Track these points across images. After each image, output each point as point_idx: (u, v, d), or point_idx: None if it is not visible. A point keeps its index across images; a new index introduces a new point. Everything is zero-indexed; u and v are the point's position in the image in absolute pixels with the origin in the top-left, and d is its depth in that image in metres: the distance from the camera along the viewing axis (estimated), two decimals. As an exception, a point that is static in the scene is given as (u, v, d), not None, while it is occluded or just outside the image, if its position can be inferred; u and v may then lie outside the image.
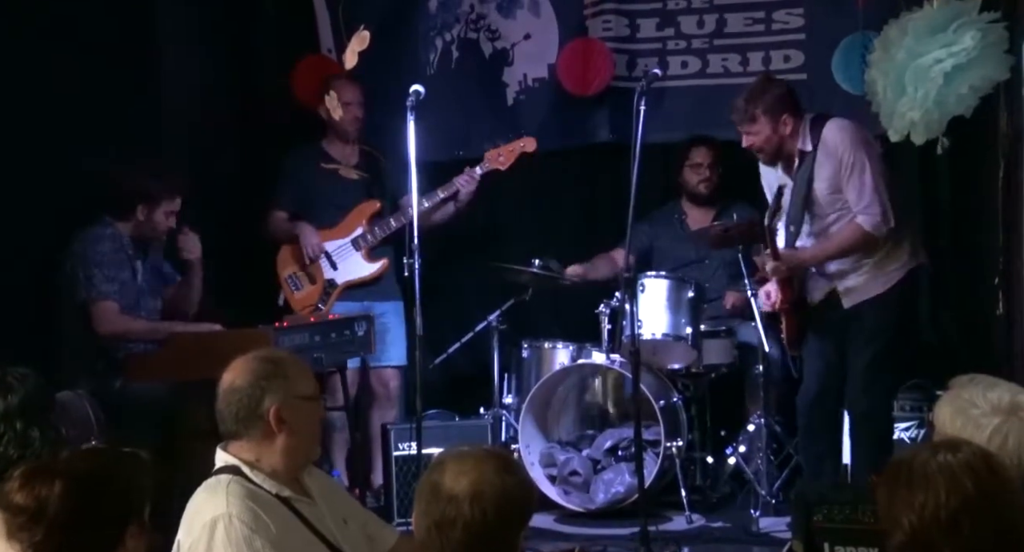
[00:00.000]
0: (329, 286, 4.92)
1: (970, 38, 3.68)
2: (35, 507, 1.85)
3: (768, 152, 4.03)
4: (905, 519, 1.79)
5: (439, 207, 4.95)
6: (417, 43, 5.49)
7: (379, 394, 5.02)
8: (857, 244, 3.93)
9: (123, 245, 4.12)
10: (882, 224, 3.89)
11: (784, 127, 3.96)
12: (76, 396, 3.58)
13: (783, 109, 3.97)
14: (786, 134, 3.97)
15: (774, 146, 4.00)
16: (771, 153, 4.03)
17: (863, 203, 3.88)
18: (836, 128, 3.94)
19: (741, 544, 4.16)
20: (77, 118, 4.17)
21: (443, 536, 1.93)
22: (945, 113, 3.77)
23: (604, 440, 4.70)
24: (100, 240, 4.05)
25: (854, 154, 3.88)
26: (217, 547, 2.26)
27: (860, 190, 3.88)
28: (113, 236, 4.09)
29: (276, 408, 2.38)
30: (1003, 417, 2.20)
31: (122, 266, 4.09)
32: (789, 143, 3.99)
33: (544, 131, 5.35)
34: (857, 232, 3.91)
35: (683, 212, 5.22)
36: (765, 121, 3.96)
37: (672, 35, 5.32)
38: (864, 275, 3.98)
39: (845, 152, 3.89)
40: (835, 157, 3.90)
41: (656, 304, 4.60)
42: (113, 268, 4.04)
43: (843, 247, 3.96)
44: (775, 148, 4.00)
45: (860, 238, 3.92)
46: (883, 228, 3.89)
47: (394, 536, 2.65)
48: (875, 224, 3.88)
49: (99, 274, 3.99)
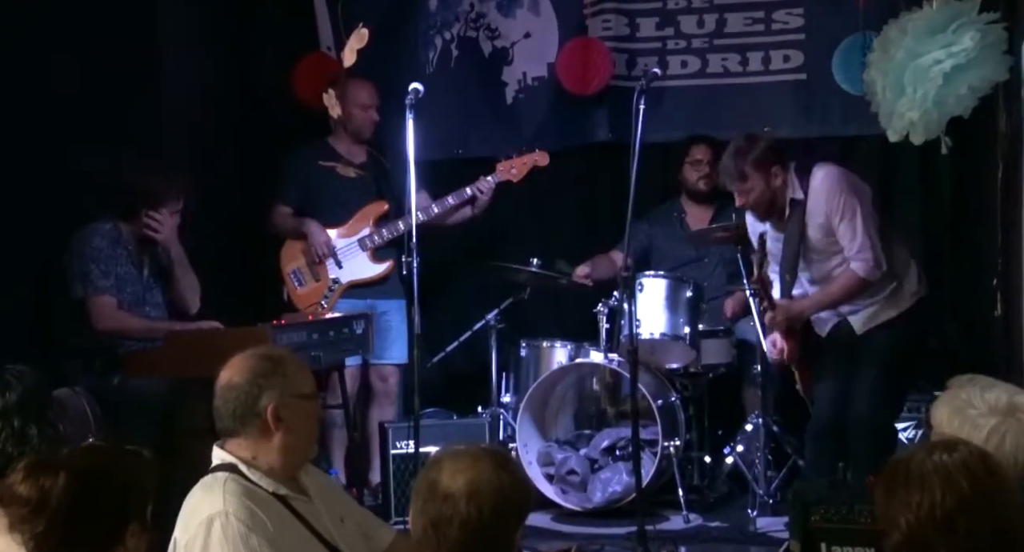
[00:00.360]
0: (333, 284, 4.92)
1: (969, 39, 3.68)
2: (38, 498, 1.86)
3: (763, 207, 4.00)
4: (902, 519, 1.80)
5: (452, 212, 4.95)
6: (417, 41, 5.49)
7: (378, 390, 5.02)
8: (854, 290, 3.94)
9: (122, 241, 4.12)
10: (875, 269, 3.89)
11: (775, 179, 3.94)
12: (74, 394, 3.58)
13: (771, 162, 3.95)
14: (778, 186, 3.95)
15: (768, 200, 3.97)
16: (765, 208, 4.00)
17: (855, 248, 3.88)
18: (823, 175, 3.92)
19: (738, 544, 4.16)
20: (77, 117, 4.16)
21: (440, 534, 1.93)
22: (944, 113, 3.77)
23: (602, 439, 4.70)
24: (97, 236, 4.05)
25: (844, 199, 3.87)
26: (214, 545, 2.26)
27: (852, 236, 3.87)
28: (111, 232, 4.08)
29: (274, 406, 2.38)
30: (1000, 417, 2.20)
31: (120, 262, 4.08)
32: (780, 195, 3.97)
33: (543, 130, 5.36)
34: (852, 279, 3.91)
35: (682, 210, 5.22)
36: (757, 177, 3.93)
37: (672, 34, 5.32)
38: (876, 306, 3.97)
39: (834, 198, 3.88)
40: (825, 204, 3.89)
41: (654, 304, 4.61)
42: (110, 264, 4.03)
43: (841, 295, 3.95)
44: (769, 202, 3.98)
45: (856, 284, 3.92)
46: (876, 273, 3.90)
47: (391, 534, 2.65)
48: (868, 270, 3.89)
49: (96, 269, 3.99)
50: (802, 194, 3.94)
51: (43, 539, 1.86)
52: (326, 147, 5.01)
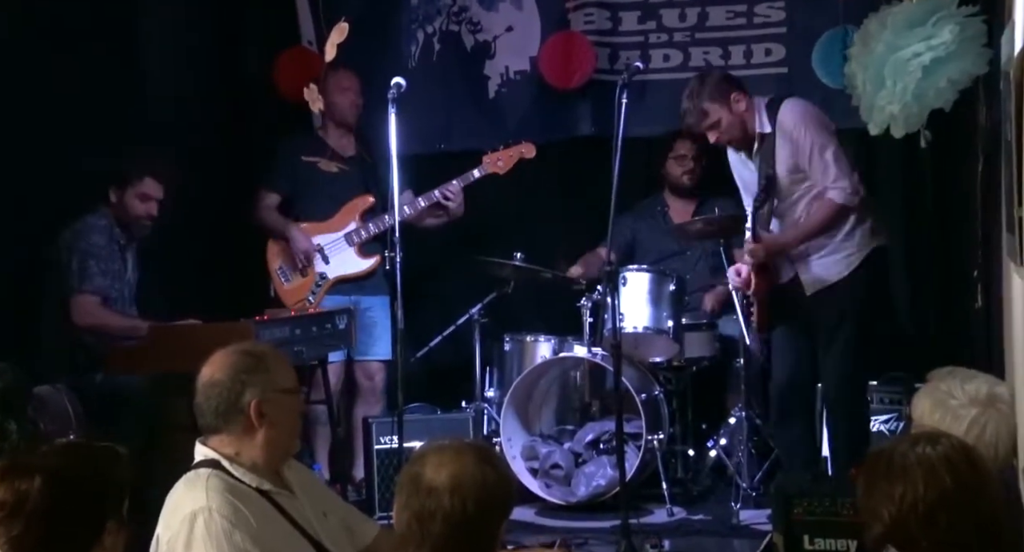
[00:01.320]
0: (320, 280, 4.91)
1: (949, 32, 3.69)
2: (14, 501, 1.85)
3: (736, 136, 4.04)
4: (884, 511, 1.81)
5: (425, 215, 4.93)
6: (399, 35, 5.47)
7: (363, 387, 5.01)
8: (833, 219, 3.96)
9: (114, 236, 4.11)
10: (853, 195, 3.94)
11: (737, 105, 4.00)
12: (55, 390, 3.57)
13: (728, 89, 4.01)
14: (743, 111, 4.00)
15: (738, 128, 4.02)
16: (739, 136, 4.04)
17: (830, 178, 3.93)
18: (790, 109, 3.98)
19: (722, 537, 4.18)
20: (61, 112, 4.14)
21: (424, 528, 1.93)
22: (924, 106, 3.78)
23: (586, 433, 4.70)
24: (95, 232, 4.05)
25: (812, 133, 3.93)
26: (196, 541, 2.25)
27: (825, 168, 3.92)
28: (106, 227, 4.09)
29: (256, 402, 2.38)
30: (980, 408, 2.22)
31: (113, 258, 4.08)
32: (750, 122, 4.01)
33: (526, 124, 5.35)
34: (832, 207, 3.95)
35: (665, 204, 5.23)
36: (717, 107, 3.99)
37: (654, 28, 5.32)
38: (823, 259, 4.00)
39: (803, 132, 3.93)
40: (793, 138, 3.94)
41: (638, 297, 4.61)
42: (107, 261, 4.04)
43: (821, 225, 3.98)
44: (740, 130, 4.02)
45: (835, 212, 3.95)
46: (855, 199, 3.94)
47: (375, 529, 2.65)
48: (847, 196, 3.93)
49: (94, 266, 3.99)
50: (770, 127, 3.98)
51: (19, 542, 1.85)
52: (315, 140, 5.00)
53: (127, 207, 4.14)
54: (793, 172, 3.97)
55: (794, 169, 3.97)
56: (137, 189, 4.13)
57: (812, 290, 4.03)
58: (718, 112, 3.99)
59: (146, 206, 4.15)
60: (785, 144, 3.95)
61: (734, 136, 4.06)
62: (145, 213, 4.16)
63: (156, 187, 4.17)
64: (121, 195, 4.13)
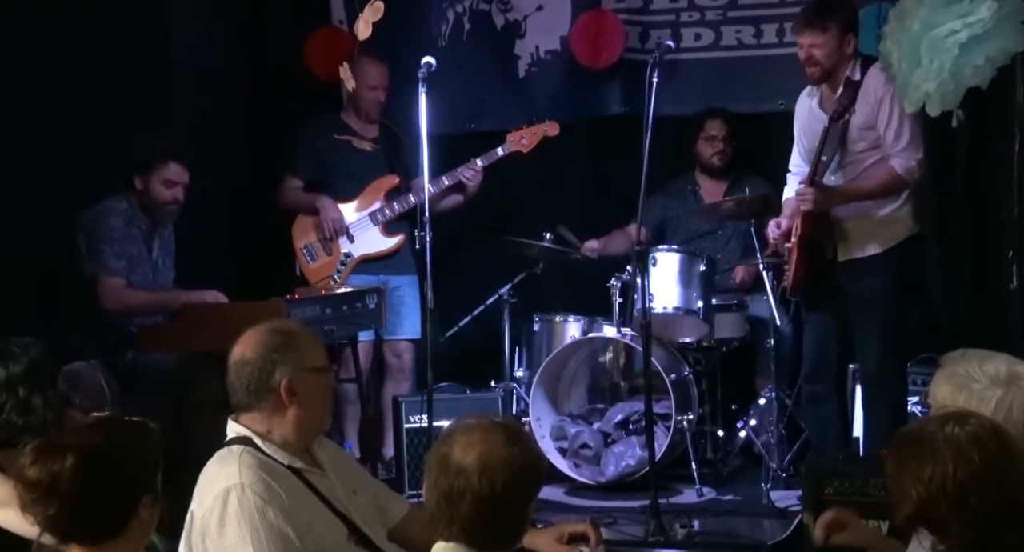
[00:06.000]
0: (345, 259, 4.93)
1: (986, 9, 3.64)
2: (48, 481, 1.87)
3: (825, 68, 3.90)
4: (913, 491, 1.80)
5: (445, 195, 4.93)
6: (429, 14, 5.46)
7: (392, 366, 5.03)
8: (889, 187, 3.88)
9: (134, 220, 4.09)
10: (916, 169, 3.85)
11: (848, 46, 3.89)
12: (90, 367, 3.60)
13: (852, 27, 3.91)
14: (846, 54, 3.89)
15: (832, 64, 3.89)
16: (826, 71, 3.91)
17: (900, 145, 3.84)
18: (880, 71, 3.87)
19: (752, 517, 4.16)
20: (89, 94, 4.16)
21: (452, 508, 1.94)
22: (961, 84, 3.73)
23: (615, 413, 4.70)
24: (110, 214, 4.03)
25: (896, 97, 3.82)
26: (230, 517, 2.27)
27: (899, 131, 3.83)
28: (126, 211, 4.06)
29: (287, 380, 2.39)
30: (1004, 388, 2.19)
31: (133, 241, 4.07)
32: (843, 66, 3.90)
33: (556, 104, 5.33)
34: (890, 174, 3.87)
35: (696, 184, 5.20)
36: (834, 34, 3.86)
37: (685, 7, 5.28)
38: (863, 227, 3.92)
39: (890, 92, 3.82)
40: (879, 95, 3.84)
41: (668, 278, 4.59)
42: (123, 244, 4.01)
43: (875, 188, 3.89)
44: (832, 66, 3.90)
45: (892, 180, 3.87)
46: (916, 173, 3.86)
47: (405, 507, 2.66)
48: (909, 168, 3.85)
49: (108, 250, 3.97)
50: (859, 76, 3.88)
51: (56, 519, 1.88)
52: (339, 121, 5.01)
53: (152, 193, 4.07)
54: (866, 127, 3.87)
55: (868, 125, 3.86)
56: (161, 175, 4.06)
57: (844, 256, 3.96)
58: (832, 39, 3.87)
59: (172, 191, 4.09)
60: (869, 96, 3.84)
61: (822, 68, 3.91)
62: (172, 198, 4.10)
63: (180, 171, 4.10)
64: (146, 182, 4.06)
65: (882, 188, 3.90)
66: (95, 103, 4.18)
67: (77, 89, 4.11)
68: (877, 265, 3.94)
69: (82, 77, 4.14)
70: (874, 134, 3.88)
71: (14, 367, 2.66)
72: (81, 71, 4.14)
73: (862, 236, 3.94)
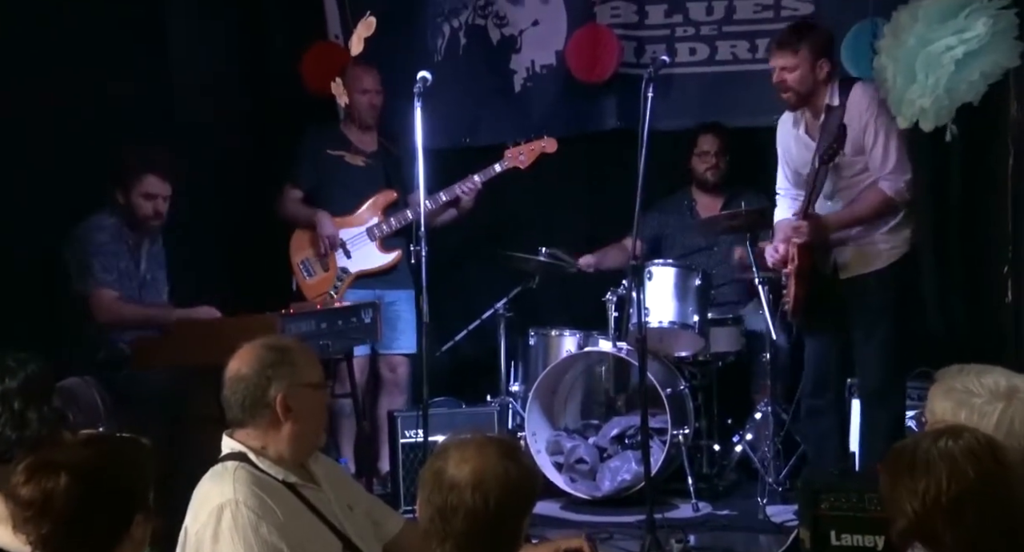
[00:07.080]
0: (342, 274, 4.93)
1: (981, 24, 3.66)
2: (42, 500, 1.85)
3: (800, 93, 3.92)
4: (908, 505, 1.79)
5: (442, 210, 4.93)
6: (425, 29, 5.48)
7: (388, 380, 5.03)
8: (880, 210, 3.89)
9: (121, 235, 4.07)
10: (905, 190, 3.86)
11: (820, 71, 3.90)
12: (84, 382, 3.59)
13: (824, 53, 3.92)
14: (820, 79, 3.90)
15: (807, 88, 3.91)
16: (801, 96, 3.93)
17: (887, 168, 3.84)
18: (863, 90, 3.89)
19: (747, 532, 4.16)
20: (84, 106, 4.16)
21: (446, 524, 1.93)
22: (955, 100, 3.75)
23: (611, 428, 4.70)
24: (97, 229, 4.00)
25: (884, 118, 3.84)
26: (224, 533, 2.26)
27: (886, 154, 3.84)
28: (114, 226, 4.04)
29: (282, 396, 2.38)
30: (1005, 401, 2.18)
31: (120, 256, 4.04)
32: (819, 92, 3.91)
33: (551, 118, 5.34)
34: (879, 197, 3.87)
35: (692, 199, 5.21)
36: (806, 57, 3.87)
37: (681, 22, 5.30)
38: (863, 246, 3.93)
39: (875, 114, 3.84)
40: (863, 118, 3.85)
41: (663, 292, 4.60)
42: (111, 258, 3.99)
43: (867, 212, 3.90)
44: (807, 91, 3.91)
45: (882, 203, 3.87)
46: (906, 194, 3.87)
47: (400, 523, 2.65)
48: (898, 190, 3.86)
49: (96, 264, 3.94)
50: (838, 101, 3.89)
51: (47, 540, 1.86)
52: (338, 134, 5.02)
53: (133, 207, 4.02)
54: (855, 153, 3.87)
55: (857, 151, 3.87)
56: (140, 188, 4.00)
57: (846, 274, 3.96)
58: (804, 62, 3.88)
59: (152, 204, 4.02)
60: (853, 123, 3.85)
61: (796, 93, 3.93)
62: (152, 211, 4.03)
63: (160, 184, 4.03)
64: (127, 195, 4.01)
65: (874, 211, 3.90)
66: (93, 117, 4.17)
67: (75, 103, 4.11)
68: (879, 281, 3.94)
69: (80, 91, 4.14)
70: (864, 158, 3.89)
71: (10, 381, 2.65)
72: (80, 84, 4.14)
73: (864, 254, 3.95)
